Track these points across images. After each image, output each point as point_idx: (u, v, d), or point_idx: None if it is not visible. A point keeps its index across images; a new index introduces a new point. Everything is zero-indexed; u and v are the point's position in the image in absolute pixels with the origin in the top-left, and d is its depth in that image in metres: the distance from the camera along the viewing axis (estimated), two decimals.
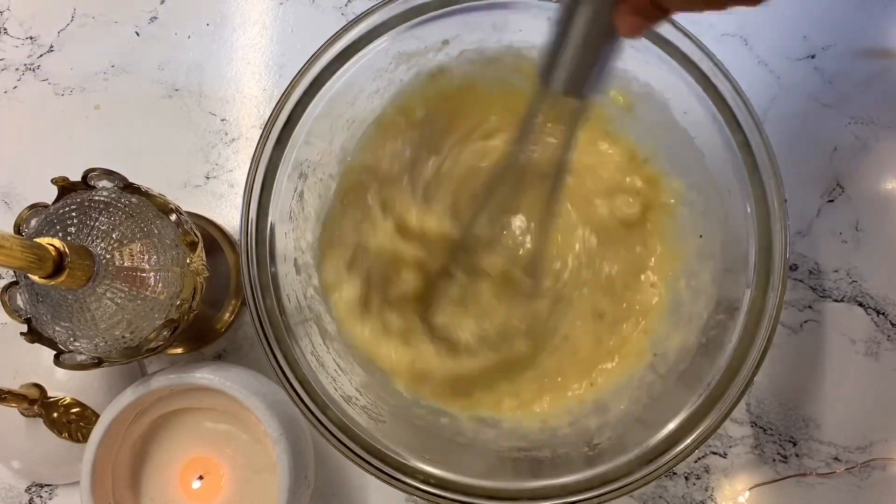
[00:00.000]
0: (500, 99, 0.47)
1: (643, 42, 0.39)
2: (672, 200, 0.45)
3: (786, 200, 0.37)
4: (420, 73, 0.44)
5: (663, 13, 0.28)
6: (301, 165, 0.41)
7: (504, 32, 0.43)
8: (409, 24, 0.40)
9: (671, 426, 0.37)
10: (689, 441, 0.36)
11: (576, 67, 0.32)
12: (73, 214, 0.38)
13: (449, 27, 0.41)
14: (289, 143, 0.39)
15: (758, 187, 0.38)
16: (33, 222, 0.39)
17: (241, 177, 0.53)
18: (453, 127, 0.47)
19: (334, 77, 0.40)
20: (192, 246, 0.41)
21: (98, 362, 0.39)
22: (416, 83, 0.45)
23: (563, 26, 0.31)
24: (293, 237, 0.42)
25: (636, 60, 0.40)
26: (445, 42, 0.43)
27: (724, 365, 0.37)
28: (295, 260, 0.42)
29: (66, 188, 0.39)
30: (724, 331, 0.38)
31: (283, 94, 0.39)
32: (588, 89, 0.33)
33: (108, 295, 0.38)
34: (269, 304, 0.38)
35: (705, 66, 0.39)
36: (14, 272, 0.39)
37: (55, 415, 0.46)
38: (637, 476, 0.36)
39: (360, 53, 0.40)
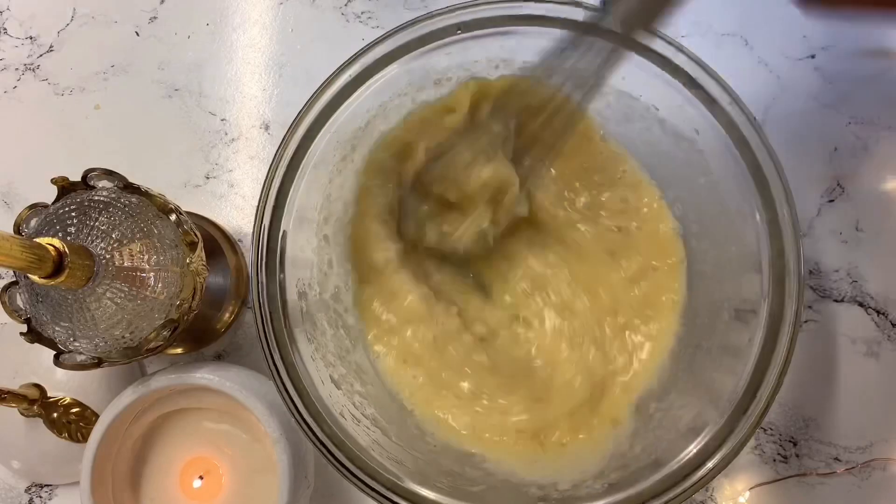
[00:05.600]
0: None
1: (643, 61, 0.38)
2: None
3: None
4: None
5: None
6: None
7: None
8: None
9: (692, 450, 0.36)
10: (709, 466, 0.35)
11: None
12: (73, 214, 0.38)
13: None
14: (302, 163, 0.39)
15: (767, 196, 0.37)
16: (33, 222, 0.39)
17: (240, 177, 0.53)
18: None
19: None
20: (192, 246, 0.41)
21: (98, 362, 0.39)
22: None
23: None
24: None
25: (636, 78, 0.40)
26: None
27: (745, 382, 0.36)
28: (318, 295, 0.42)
29: (66, 188, 0.39)
30: (740, 347, 0.38)
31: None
32: (646, 26, 0.33)
33: (108, 295, 0.38)
34: (274, 313, 0.38)
35: (694, 72, 0.38)
36: (14, 272, 0.39)
37: (55, 415, 0.46)
38: (660, 501, 0.35)
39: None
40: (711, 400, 0.38)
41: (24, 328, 0.39)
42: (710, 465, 0.35)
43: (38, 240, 0.35)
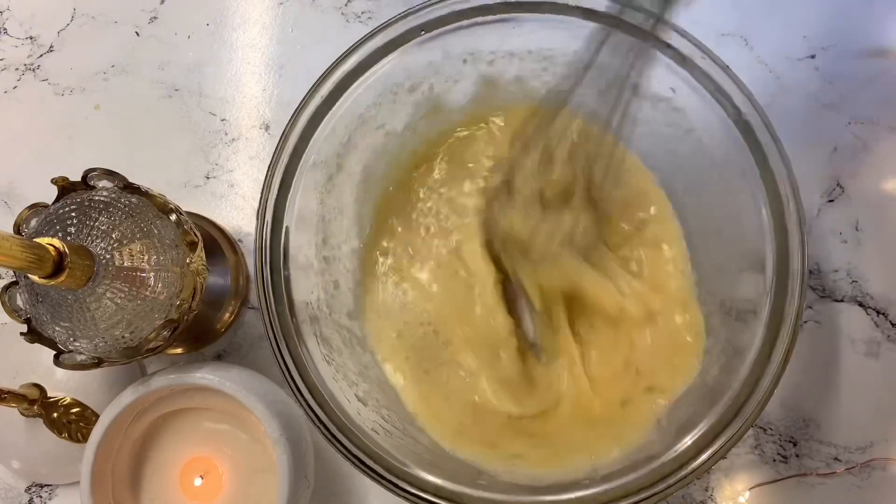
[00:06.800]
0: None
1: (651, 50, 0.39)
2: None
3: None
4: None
5: None
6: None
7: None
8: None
9: (687, 441, 0.36)
10: (705, 457, 0.36)
11: None
12: (73, 214, 0.38)
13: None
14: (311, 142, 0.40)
15: (772, 192, 0.37)
16: (33, 222, 0.39)
17: (240, 177, 0.53)
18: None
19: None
20: (192, 246, 0.41)
21: (98, 362, 0.39)
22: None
23: None
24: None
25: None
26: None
27: (742, 378, 0.36)
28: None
29: (66, 188, 0.39)
30: (741, 344, 0.38)
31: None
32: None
33: (108, 295, 0.38)
34: (280, 310, 0.38)
35: (705, 64, 0.38)
36: (14, 272, 0.39)
37: (55, 415, 0.46)
38: (652, 491, 0.35)
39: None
40: (707, 395, 0.38)
41: (24, 328, 0.39)
42: (703, 457, 0.36)
43: (38, 240, 0.35)
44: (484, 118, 0.47)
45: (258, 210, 0.39)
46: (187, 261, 0.40)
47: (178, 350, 0.50)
